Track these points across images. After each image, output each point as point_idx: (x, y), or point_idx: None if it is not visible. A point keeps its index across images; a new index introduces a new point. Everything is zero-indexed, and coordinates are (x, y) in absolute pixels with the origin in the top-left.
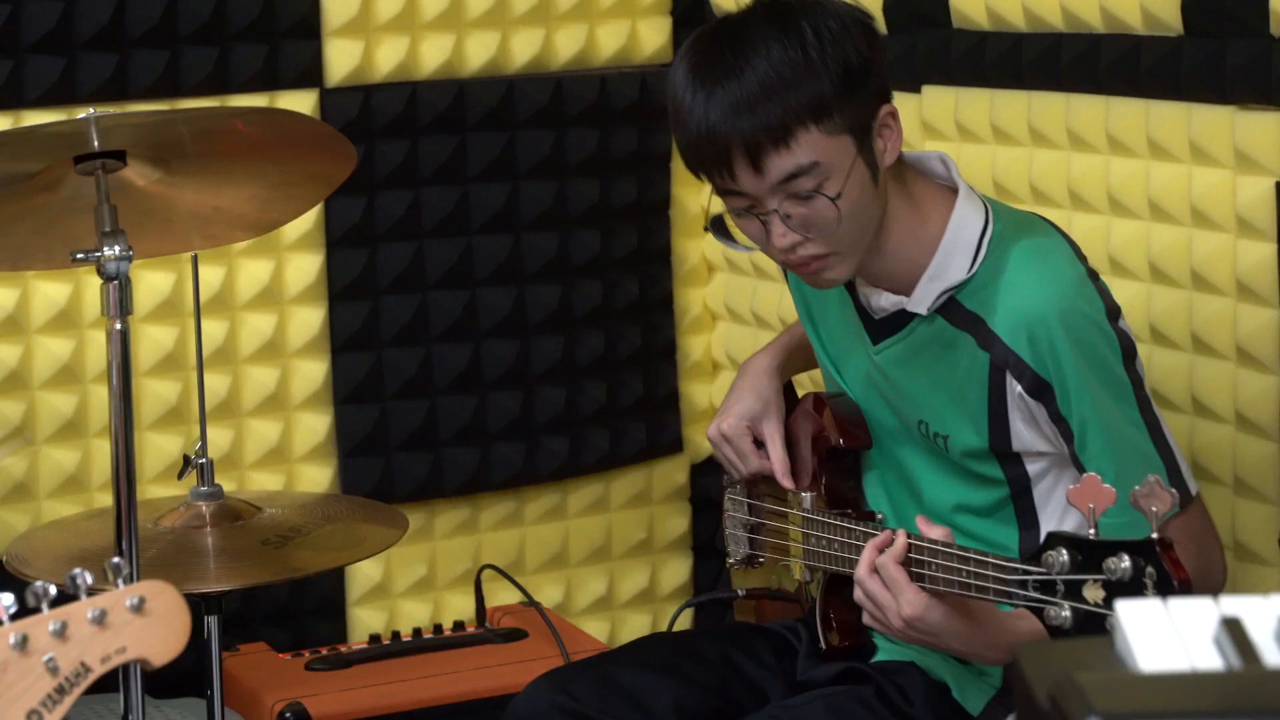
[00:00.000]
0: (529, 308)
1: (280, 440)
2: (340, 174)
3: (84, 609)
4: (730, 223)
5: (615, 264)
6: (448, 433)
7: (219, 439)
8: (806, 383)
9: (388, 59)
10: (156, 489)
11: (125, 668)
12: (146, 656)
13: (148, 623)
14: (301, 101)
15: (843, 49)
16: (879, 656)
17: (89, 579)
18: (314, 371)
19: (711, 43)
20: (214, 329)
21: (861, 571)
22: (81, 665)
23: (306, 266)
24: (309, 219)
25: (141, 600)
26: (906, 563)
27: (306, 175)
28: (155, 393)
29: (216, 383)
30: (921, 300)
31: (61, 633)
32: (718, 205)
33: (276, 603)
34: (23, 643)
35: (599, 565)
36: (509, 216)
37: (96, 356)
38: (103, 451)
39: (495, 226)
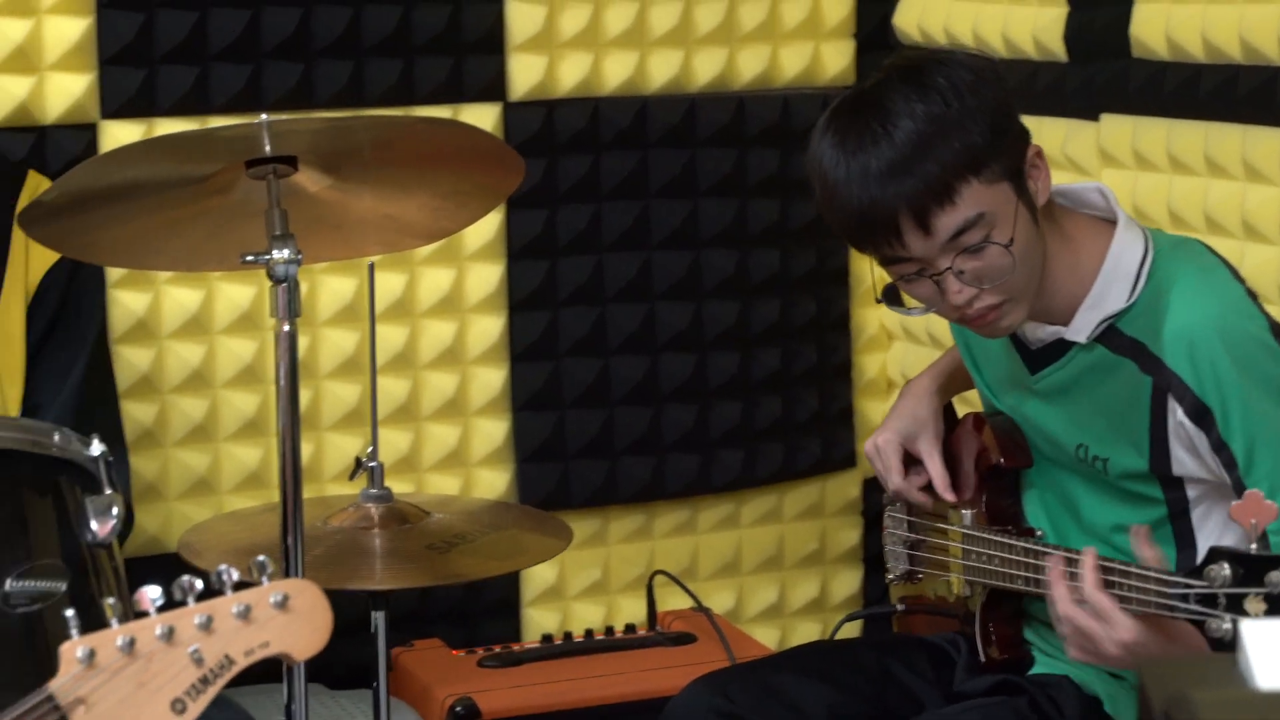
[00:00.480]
0: (706, 323)
1: (458, 445)
2: (509, 185)
3: (229, 604)
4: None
5: (793, 283)
6: (623, 442)
7: (398, 442)
8: (971, 401)
9: (571, 75)
10: (336, 488)
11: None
12: (289, 652)
13: (291, 619)
14: (484, 115)
15: (982, 97)
16: (1035, 669)
17: (235, 575)
18: (493, 379)
19: (851, 115)
20: (395, 335)
21: (1066, 608)
22: (225, 658)
23: (487, 276)
24: (490, 230)
25: (285, 597)
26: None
27: (476, 186)
28: (336, 395)
29: (396, 387)
30: (1080, 329)
31: (207, 626)
32: (884, 273)
33: (452, 601)
34: (169, 634)
35: (770, 574)
36: (688, 233)
37: None
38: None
39: (674, 243)
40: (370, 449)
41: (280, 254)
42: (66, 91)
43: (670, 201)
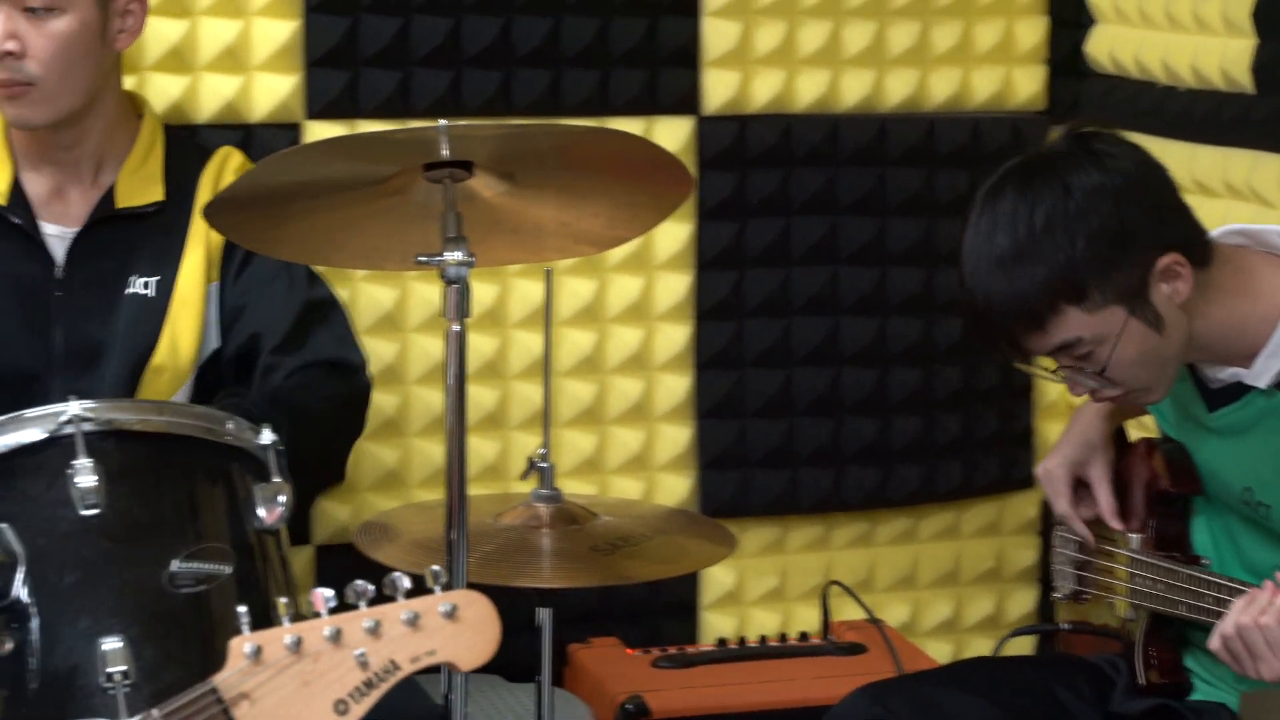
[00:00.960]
0: (890, 339)
1: (642, 449)
2: (678, 198)
3: (399, 610)
4: None
5: None
6: (804, 452)
7: (583, 444)
8: (1146, 426)
9: (764, 91)
10: (520, 486)
11: None
12: (455, 661)
13: (459, 629)
14: (678, 128)
15: (1104, 215)
16: (1193, 696)
17: (407, 582)
18: (678, 386)
19: (982, 208)
20: (583, 339)
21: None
22: (391, 663)
23: (676, 286)
24: (681, 241)
25: (454, 608)
26: None
27: (648, 196)
28: (524, 395)
29: (583, 390)
30: (1261, 375)
31: (375, 630)
32: None
33: (632, 602)
34: (336, 636)
35: (947, 590)
36: (876, 250)
37: (472, 356)
38: (472, 446)
39: (861, 259)
40: (542, 450)
41: (453, 256)
42: (273, 92)
43: (858, 219)
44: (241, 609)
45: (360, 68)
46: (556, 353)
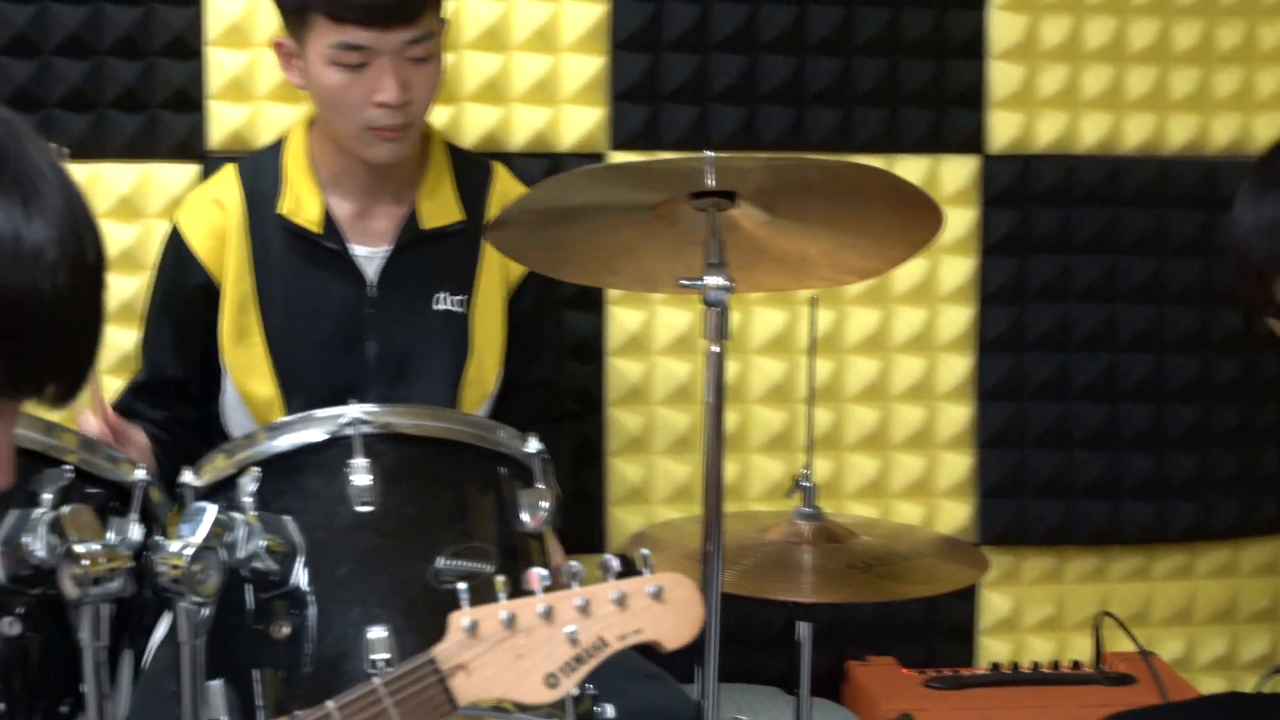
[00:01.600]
0: (1167, 375)
1: (923, 475)
2: (930, 233)
3: (608, 590)
4: None
5: (1256, 341)
6: (1082, 484)
7: (866, 467)
8: None
9: (1048, 132)
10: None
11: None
12: (660, 640)
13: (664, 610)
14: (963, 166)
15: None
16: None
17: (616, 564)
18: (959, 415)
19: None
20: (868, 367)
21: None
22: (600, 639)
23: (959, 318)
24: (964, 275)
25: (660, 589)
26: None
27: (902, 230)
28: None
29: (867, 415)
30: None
31: (585, 609)
32: None
33: (911, 623)
34: (548, 613)
35: (1222, 627)
36: (1154, 288)
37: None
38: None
39: (1140, 297)
40: (805, 470)
41: (713, 280)
42: (579, 123)
43: (1138, 258)
44: (461, 586)
45: (661, 102)
46: (837, 379)
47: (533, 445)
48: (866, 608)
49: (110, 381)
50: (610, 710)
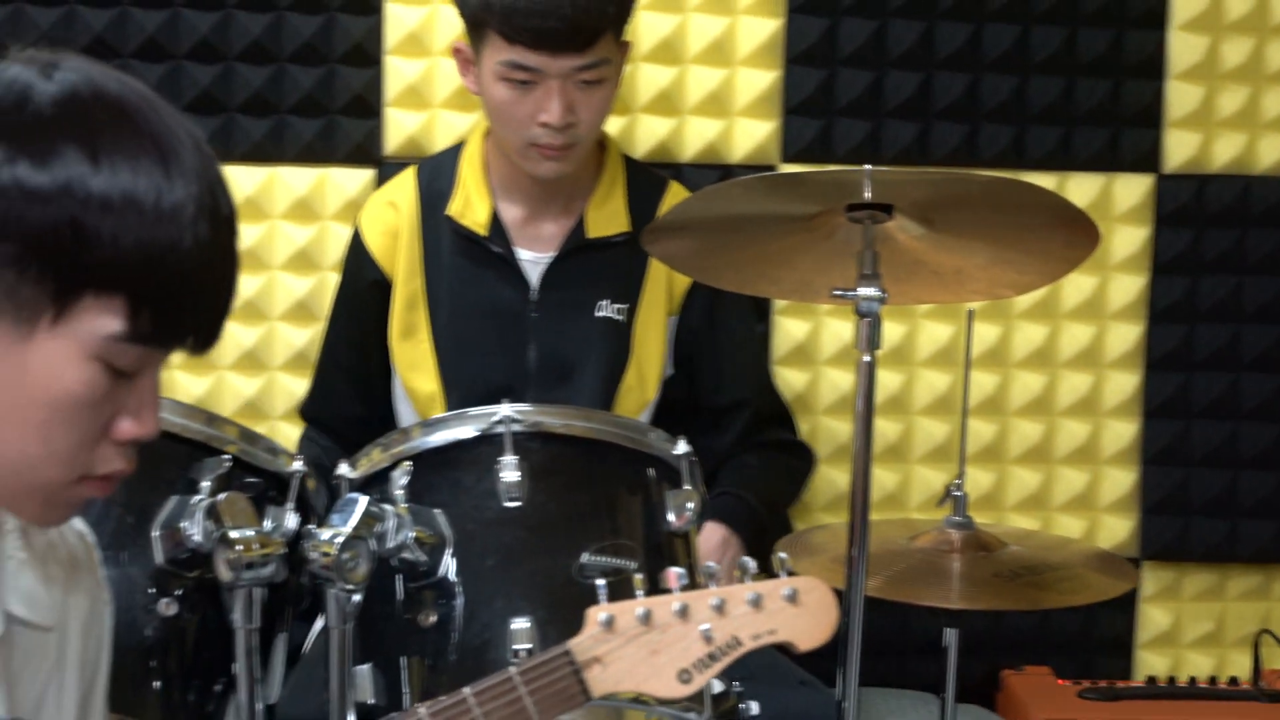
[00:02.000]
0: None
1: (1086, 490)
2: (1086, 250)
3: (743, 591)
4: None
5: None
6: (1247, 503)
7: (1028, 480)
8: None
9: (1225, 152)
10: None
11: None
12: (793, 641)
13: (798, 612)
14: (1137, 185)
15: None
16: None
17: (753, 566)
18: (1124, 431)
19: None
20: (1034, 382)
21: None
22: (734, 638)
23: (1126, 335)
24: (1133, 293)
25: (795, 592)
26: None
27: (1059, 246)
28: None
29: (1031, 429)
30: None
31: (720, 608)
32: None
33: (1068, 634)
34: (684, 611)
35: None
36: None
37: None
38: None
39: None
40: (958, 479)
41: (866, 291)
42: (752, 136)
43: None
44: (599, 582)
45: (834, 116)
46: (1007, 392)
47: (681, 447)
48: (1024, 619)
49: (290, 380)
50: (755, 708)
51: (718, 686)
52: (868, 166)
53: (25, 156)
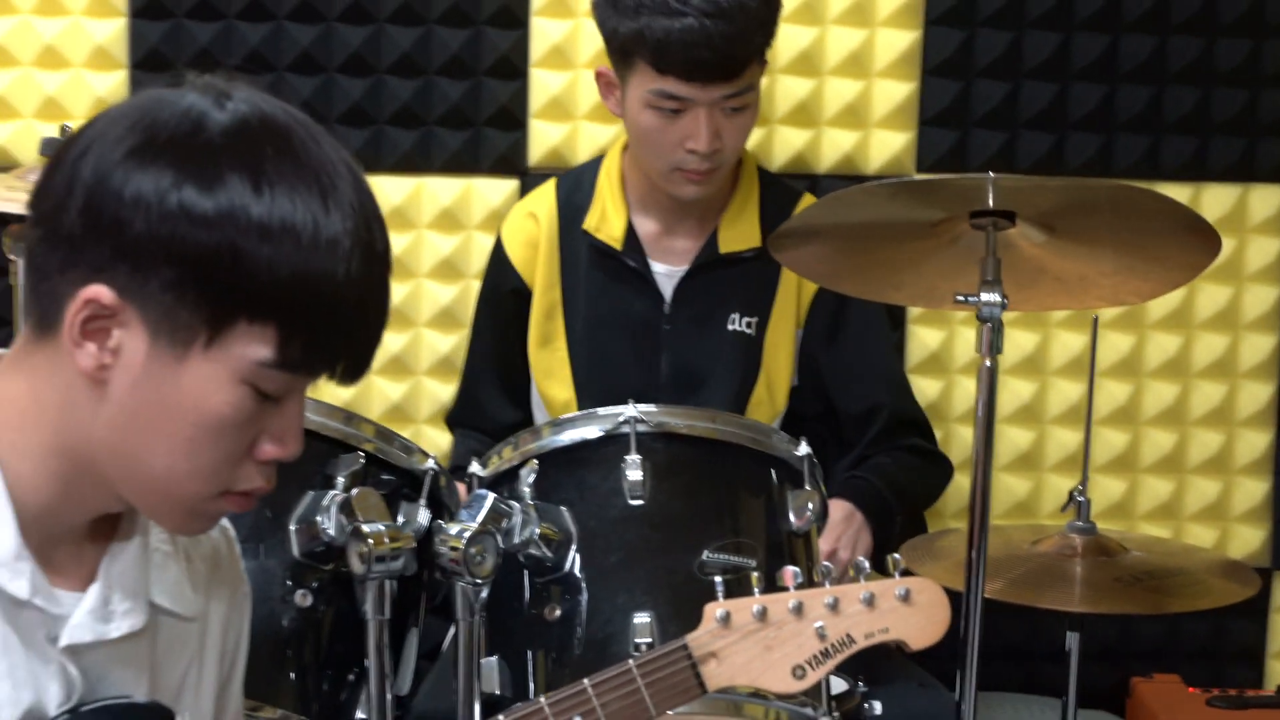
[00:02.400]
0: None
1: (1218, 499)
2: (1208, 259)
3: (857, 590)
4: None
5: None
6: None
7: (1159, 489)
8: None
9: None
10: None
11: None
12: (905, 639)
13: (911, 612)
14: (1273, 195)
15: None
16: None
17: (867, 566)
18: (1258, 442)
19: None
20: (1167, 392)
21: None
22: (847, 636)
23: (1261, 345)
24: (1267, 303)
25: (908, 592)
26: None
27: (1179, 254)
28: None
29: (1164, 439)
30: None
31: (834, 607)
32: None
33: (1199, 643)
34: (799, 609)
35: None
36: None
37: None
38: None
39: None
40: (1080, 485)
41: (988, 296)
42: (888, 147)
43: None
44: (717, 579)
45: (970, 127)
46: (1139, 402)
47: (803, 449)
48: (1154, 628)
49: (435, 385)
50: (878, 708)
51: (842, 686)
52: (990, 174)
53: (192, 182)
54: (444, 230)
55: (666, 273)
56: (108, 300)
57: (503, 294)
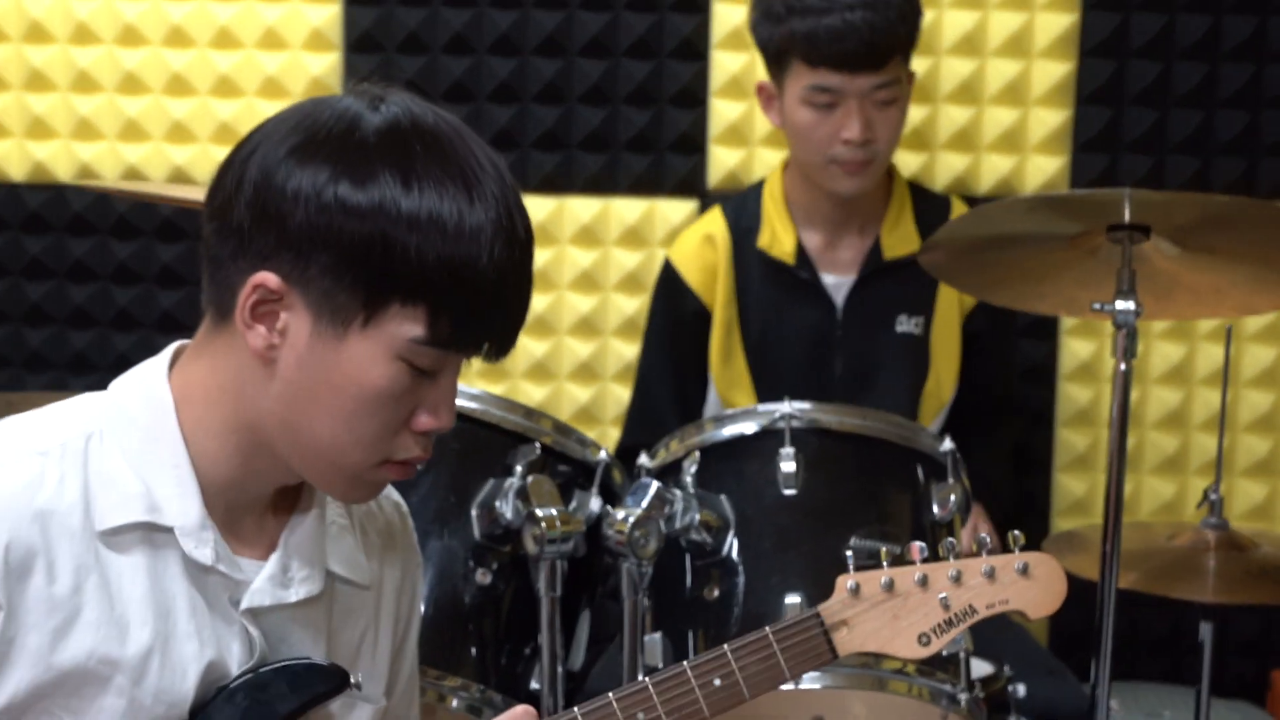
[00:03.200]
0: None
1: None
2: None
3: (979, 564)
4: None
5: None
6: None
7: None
8: None
9: None
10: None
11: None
12: (1024, 609)
13: (1030, 584)
14: None
15: None
16: None
17: (989, 541)
18: None
19: None
20: (1262, 400)
21: None
22: (969, 607)
23: None
24: None
25: (1027, 565)
26: None
27: None
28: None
29: (1257, 445)
30: None
31: (957, 579)
32: None
33: None
34: (924, 581)
35: None
36: None
37: (1156, 406)
38: (1149, 485)
39: None
40: (1214, 484)
41: (1123, 305)
42: (1042, 170)
43: None
44: (848, 552)
45: (1121, 151)
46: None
47: (946, 444)
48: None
49: (620, 390)
50: (1022, 690)
51: (987, 669)
52: (1126, 188)
53: (347, 177)
54: (628, 248)
55: (835, 283)
56: (274, 285)
57: (683, 318)
